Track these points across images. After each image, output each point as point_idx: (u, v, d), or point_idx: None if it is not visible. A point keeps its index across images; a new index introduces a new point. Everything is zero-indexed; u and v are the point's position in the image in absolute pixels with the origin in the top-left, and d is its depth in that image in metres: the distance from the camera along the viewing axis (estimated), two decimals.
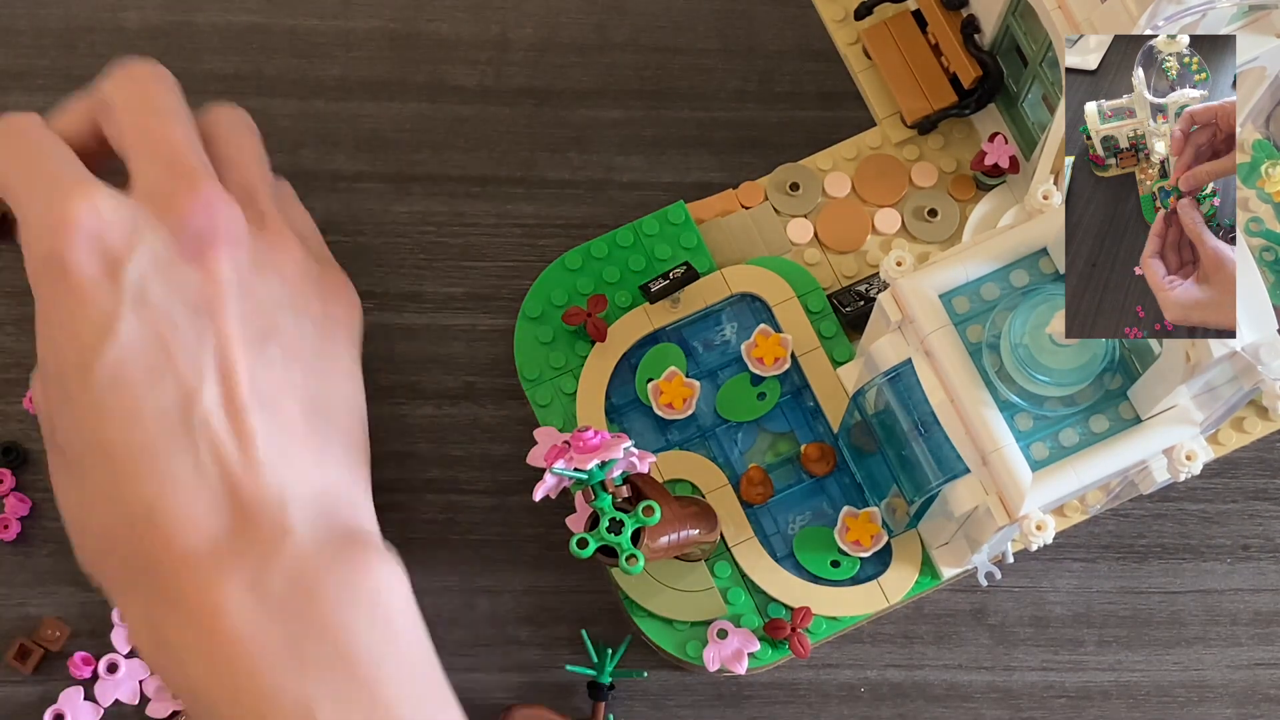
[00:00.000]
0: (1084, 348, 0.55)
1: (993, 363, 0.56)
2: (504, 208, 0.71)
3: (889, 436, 0.59)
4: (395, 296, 0.69)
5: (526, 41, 0.73)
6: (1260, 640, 0.67)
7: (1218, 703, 0.66)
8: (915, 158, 0.69)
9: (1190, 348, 0.53)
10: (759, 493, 0.64)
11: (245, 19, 0.72)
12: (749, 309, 0.66)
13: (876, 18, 0.70)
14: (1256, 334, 0.53)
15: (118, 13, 0.72)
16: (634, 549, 0.56)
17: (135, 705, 0.65)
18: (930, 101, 0.68)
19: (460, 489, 0.67)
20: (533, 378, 0.65)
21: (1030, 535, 0.56)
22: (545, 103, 0.72)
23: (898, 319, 0.57)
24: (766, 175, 0.68)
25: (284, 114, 0.71)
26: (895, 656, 0.66)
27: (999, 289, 0.57)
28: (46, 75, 0.71)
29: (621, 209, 0.70)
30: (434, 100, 0.72)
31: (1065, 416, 0.57)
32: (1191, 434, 0.56)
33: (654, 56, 0.72)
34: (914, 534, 0.64)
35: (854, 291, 0.66)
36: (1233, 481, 0.68)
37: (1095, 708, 0.66)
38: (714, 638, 0.62)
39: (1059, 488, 0.55)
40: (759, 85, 0.72)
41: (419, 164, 0.71)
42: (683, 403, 0.64)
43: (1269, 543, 0.68)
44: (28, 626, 0.65)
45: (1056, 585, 0.67)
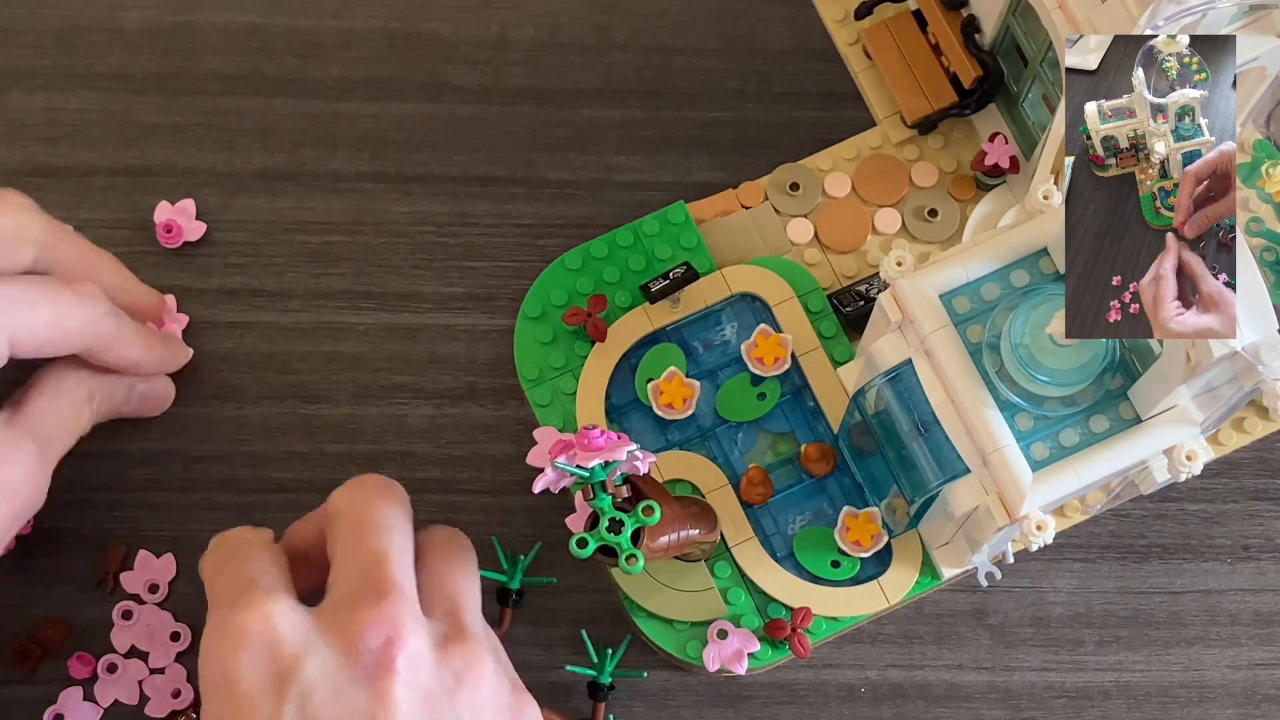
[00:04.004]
0: (1084, 348, 0.55)
1: (993, 363, 0.56)
2: (504, 208, 0.71)
3: (889, 437, 0.59)
4: (395, 296, 0.69)
5: (526, 41, 0.73)
6: (1260, 640, 0.67)
7: (1218, 703, 0.66)
8: (915, 158, 0.69)
9: (1191, 348, 0.53)
10: (759, 493, 0.64)
11: (245, 19, 0.72)
12: (749, 309, 0.66)
13: (876, 17, 0.70)
14: (1257, 334, 0.53)
15: (117, 12, 0.72)
16: (634, 549, 0.56)
17: (135, 705, 0.65)
18: (930, 101, 0.68)
19: (460, 489, 0.67)
20: (533, 378, 0.65)
21: (1030, 535, 0.55)
22: (545, 103, 0.72)
23: (898, 319, 0.57)
24: (766, 175, 0.68)
25: (284, 114, 0.71)
26: (895, 657, 0.66)
27: (999, 289, 0.57)
28: (46, 75, 0.71)
29: (621, 209, 0.70)
30: (434, 100, 0.72)
31: (1065, 416, 0.57)
32: (1192, 434, 0.56)
33: (654, 56, 0.72)
34: (914, 534, 0.64)
35: (854, 291, 0.66)
36: (1233, 482, 0.68)
37: (1096, 708, 0.66)
38: (714, 638, 0.62)
39: (1059, 488, 0.55)
40: (759, 85, 0.72)
41: (419, 164, 0.71)
42: (683, 403, 0.64)
43: (1269, 543, 0.68)
44: (28, 627, 0.65)
45: (1057, 585, 0.67)
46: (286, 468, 0.67)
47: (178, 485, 0.67)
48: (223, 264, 0.70)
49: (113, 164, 0.71)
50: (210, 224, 0.70)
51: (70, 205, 0.70)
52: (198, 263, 0.70)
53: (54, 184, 0.70)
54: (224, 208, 0.70)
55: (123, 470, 0.67)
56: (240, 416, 0.68)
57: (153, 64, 0.72)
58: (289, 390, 0.68)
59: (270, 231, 0.70)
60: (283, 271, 0.70)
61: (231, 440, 0.68)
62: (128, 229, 0.70)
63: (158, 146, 0.71)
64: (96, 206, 0.70)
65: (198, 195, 0.70)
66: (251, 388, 0.68)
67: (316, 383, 0.68)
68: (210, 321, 0.69)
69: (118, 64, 0.72)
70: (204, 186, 0.70)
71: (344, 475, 0.59)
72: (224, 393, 0.68)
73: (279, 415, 0.68)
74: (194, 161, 0.71)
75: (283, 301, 0.69)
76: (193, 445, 0.67)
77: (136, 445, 0.67)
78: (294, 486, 0.67)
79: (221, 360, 0.68)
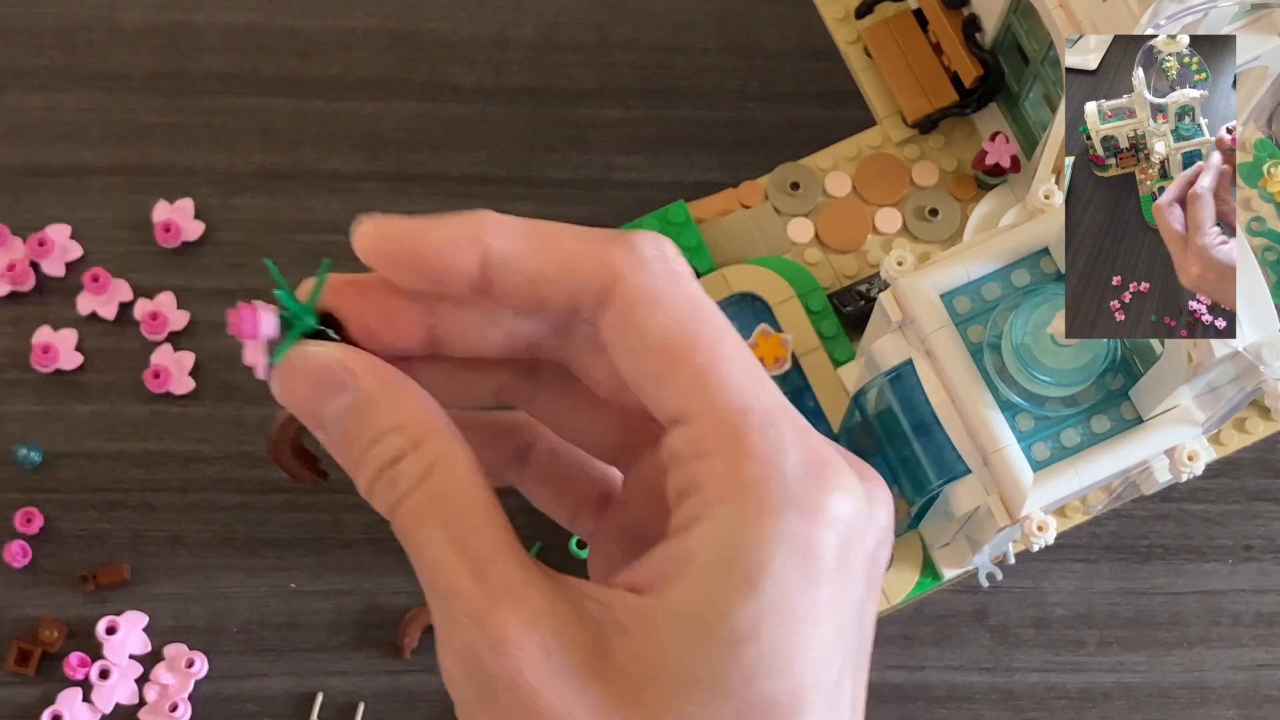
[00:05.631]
0: (1085, 348, 0.55)
1: (994, 363, 0.56)
2: (504, 207, 0.70)
3: (890, 437, 0.59)
4: None
5: (526, 41, 0.72)
6: (1262, 641, 0.66)
7: (1219, 704, 0.66)
8: (916, 157, 0.68)
9: (1192, 348, 0.53)
10: None
11: (245, 18, 0.72)
12: (749, 309, 0.66)
13: (877, 16, 0.70)
14: (1258, 334, 0.52)
15: (116, 11, 0.72)
16: None
17: (134, 705, 0.65)
18: (931, 100, 0.68)
19: None
20: None
21: (1031, 536, 0.55)
22: (545, 102, 0.72)
23: (898, 319, 0.57)
24: (767, 175, 0.68)
25: (283, 113, 0.71)
26: (897, 658, 0.66)
27: (1000, 289, 0.57)
28: (45, 74, 0.71)
29: (621, 209, 0.70)
30: (434, 100, 0.72)
31: (1067, 417, 0.56)
32: (1193, 434, 0.56)
33: (654, 56, 0.72)
34: (915, 535, 0.63)
35: (854, 291, 0.66)
36: (1235, 482, 0.68)
37: (1097, 709, 0.66)
38: None
39: (1060, 488, 0.55)
40: (759, 85, 0.72)
41: (419, 164, 0.71)
42: None
43: (1271, 543, 0.67)
44: (26, 628, 0.65)
45: (1058, 586, 0.67)
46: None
47: (176, 485, 0.67)
48: (222, 263, 0.70)
49: (111, 163, 0.70)
50: (209, 224, 0.70)
51: (69, 205, 0.70)
52: (197, 262, 0.70)
53: (52, 183, 0.70)
54: (223, 207, 0.70)
55: (121, 470, 0.67)
56: (239, 416, 0.68)
57: (151, 63, 0.72)
58: None
59: (269, 231, 0.70)
60: (282, 271, 0.69)
61: (230, 440, 0.67)
62: (126, 228, 0.70)
63: (156, 146, 0.71)
64: (95, 206, 0.70)
65: (196, 194, 0.70)
66: (250, 388, 0.68)
67: None
68: (210, 321, 0.69)
69: (116, 63, 0.72)
70: (203, 186, 0.70)
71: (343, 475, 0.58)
72: (223, 393, 0.68)
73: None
74: (192, 161, 0.71)
75: None
76: (191, 445, 0.67)
77: (135, 445, 0.67)
78: (293, 487, 0.67)
79: (221, 360, 0.68)
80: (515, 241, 0.39)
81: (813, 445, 0.35)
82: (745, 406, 0.35)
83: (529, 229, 0.39)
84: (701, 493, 0.34)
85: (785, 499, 0.34)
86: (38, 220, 0.70)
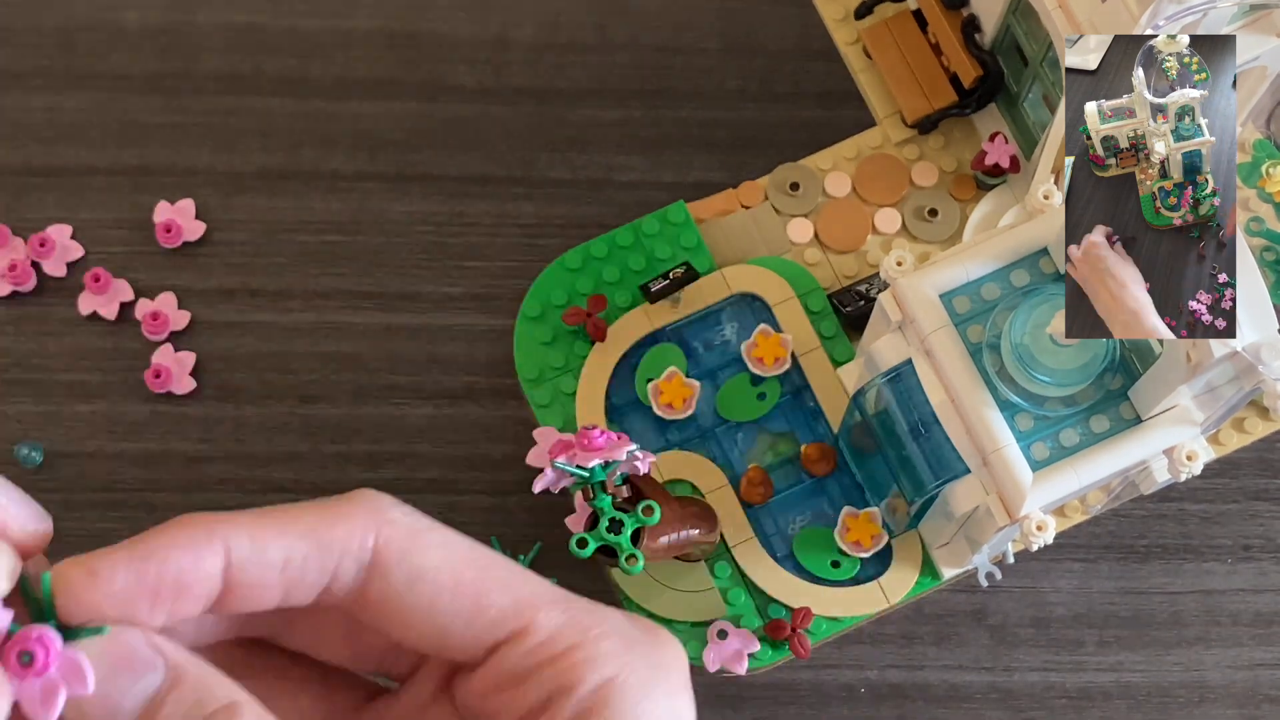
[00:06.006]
0: (1084, 348, 0.55)
1: (993, 363, 0.56)
2: (504, 207, 0.71)
3: (889, 437, 0.59)
4: (395, 296, 0.69)
5: (526, 41, 0.73)
6: (1261, 641, 0.66)
7: (1219, 704, 0.66)
8: (915, 157, 0.69)
9: (1191, 348, 0.53)
10: (759, 493, 0.64)
11: (245, 18, 0.72)
12: (749, 309, 0.66)
13: (877, 17, 0.70)
14: (1257, 334, 0.53)
15: (117, 12, 0.72)
16: (634, 549, 0.56)
17: None
18: (931, 101, 0.68)
19: (460, 489, 0.67)
20: (532, 378, 0.65)
21: (1031, 535, 0.55)
22: (545, 103, 0.72)
23: (898, 319, 0.57)
24: (766, 175, 0.68)
25: (283, 114, 0.71)
26: (896, 657, 0.66)
27: (999, 289, 0.57)
28: (45, 75, 0.71)
29: (621, 209, 0.70)
30: (433, 100, 0.72)
31: (1066, 416, 0.57)
32: (1192, 434, 0.56)
33: (654, 56, 0.72)
34: (914, 534, 0.63)
35: (854, 291, 0.66)
36: (1234, 482, 0.68)
37: (1096, 708, 0.66)
38: (714, 638, 0.62)
39: (1059, 488, 0.55)
40: (759, 85, 0.72)
41: (418, 164, 0.71)
42: (683, 403, 0.64)
43: (1270, 543, 0.68)
44: None
45: (1057, 586, 0.67)
46: (286, 468, 0.67)
47: (177, 485, 0.67)
48: (222, 264, 0.70)
49: (112, 164, 0.71)
50: (210, 224, 0.70)
51: (70, 205, 0.70)
52: (197, 262, 0.70)
53: (53, 184, 0.70)
54: (223, 207, 0.70)
55: (122, 470, 0.67)
56: (239, 416, 0.68)
57: (152, 63, 0.72)
58: (288, 390, 0.68)
59: (270, 231, 0.70)
60: (282, 271, 0.70)
61: (231, 440, 0.68)
62: (127, 229, 0.70)
63: (157, 146, 0.71)
64: (96, 206, 0.70)
65: (197, 195, 0.70)
66: (251, 387, 0.68)
67: (316, 383, 0.68)
68: (210, 321, 0.69)
69: (117, 64, 0.72)
70: (203, 186, 0.70)
71: (343, 475, 0.59)
72: (224, 393, 0.68)
73: (278, 415, 0.68)
74: (193, 161, 0.71)
75: (282, 301, 0.69)
76: (192, 445, 0.67)
77: (136, 445, 0.67)
78: (294, 486, 0.67)
79: (221, 360, 0.68)
80: (252, 532, 0.39)
81: (587, 603, 0.39)
82: (551, 601, 0.38)
83: (257, 518, 0.39)
84: (585, 683, 0.37)
85: (648, 652, 0.38)
86: (39, 220, 0.70)
